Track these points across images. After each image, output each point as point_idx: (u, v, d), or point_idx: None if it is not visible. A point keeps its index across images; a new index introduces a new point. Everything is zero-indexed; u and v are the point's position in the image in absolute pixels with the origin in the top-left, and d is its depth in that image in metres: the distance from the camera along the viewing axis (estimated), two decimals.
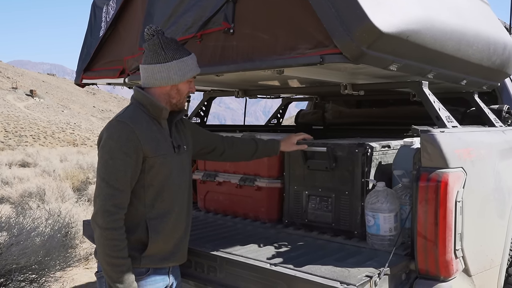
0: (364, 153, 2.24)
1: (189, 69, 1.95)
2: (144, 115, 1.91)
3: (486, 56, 2.45)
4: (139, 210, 1.88)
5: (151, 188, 1.89)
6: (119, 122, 1.85)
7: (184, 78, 1.94)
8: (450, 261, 1.88)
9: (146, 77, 1.95)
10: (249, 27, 2.04)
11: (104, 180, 1.80)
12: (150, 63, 1.92)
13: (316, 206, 2.41)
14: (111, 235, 1.76)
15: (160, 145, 1.90)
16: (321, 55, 1.76)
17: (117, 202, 1.78)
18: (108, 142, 1.83)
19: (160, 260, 1.92)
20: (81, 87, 3.23)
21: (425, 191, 1.88)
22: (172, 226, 1.94)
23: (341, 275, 1.77)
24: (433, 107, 2.22)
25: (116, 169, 1.79)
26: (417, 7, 1.95)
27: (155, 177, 1.89)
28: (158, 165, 1.88)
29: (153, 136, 1.89)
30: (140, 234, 1.87)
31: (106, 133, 1.85)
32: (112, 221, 1.77)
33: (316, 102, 4.37)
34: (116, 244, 1.77)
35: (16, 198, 7.74)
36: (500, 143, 2.41)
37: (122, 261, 1.78)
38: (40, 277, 3.89)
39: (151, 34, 1.93)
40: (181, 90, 1.98)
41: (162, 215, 1.91)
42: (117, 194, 1.79)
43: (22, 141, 38.28)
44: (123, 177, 1.80)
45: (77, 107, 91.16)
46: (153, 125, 1.91)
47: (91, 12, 3.07)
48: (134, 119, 1.86)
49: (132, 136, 1.82)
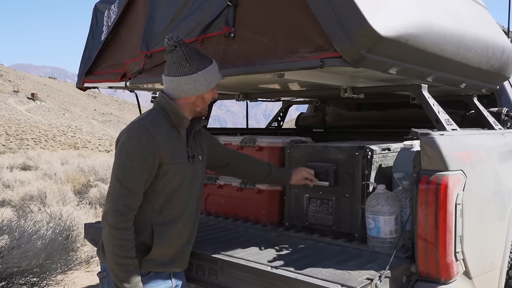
0: (364, 156, 2.25)
1: (214, 78, 1.97)
2: (164, 121, 1.93)
3: (485, 59, 2.47)
4: (147, 213, 1.89)
5: (161, 194, 1.90)
6: (141, 126, 1.87)
7: (210, 87, 1.97)
8: (450, 263, 1.88)
9: (172, 89, 1.95)
10: (249, 31, 2.05)
11: (119, 180, 1.81)
12: (176, 75, 1.93)
13: (316, 209, 2.41)
14: (120, 235, 1.78)
15: (177, 153, 1.92)
16: (321, 59, 1.78)
17: (129, 203, 1.80)
18: (127, 144, 1.84)
19: (161, 265, 1.93)
20: (83, 90, 3.24)
21: (425, 193, 1.89)
22: (177, 233, 1.95)
23: (342, 277, 1.77)
24: (432, 110, 2.23)
25: (132, 171, 1.81)
26: (416, 11, 1.97)
27: (168, 184, 1.91)
28: (172, 173, 1.90)
29: (171, 143, 1.90)
30: (145, 237, 1.88)
31: (126, 135, 1.87)
32: (122, 221, 1.78)
33: (316, 105, 4.38)
34: (125, 244, 1.78)
35: (18, 201, 7.75)
36: (499, 145, 2.42)
37: (130, 261, 1.79)
38: (41, 280, 3.89)
39: (173, 45, 1.92)
40: (206, 98, 2.00)
41: (169, 221, 1.92)
42: (130, 195, 1.80)
43: (23, 144, 38.31)
44: (138, 179, 1.82)
45: (78, 110, 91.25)
46: (172, 133, 1.93)
47: (92, 16, 3.09)
48: (155, 124, 1.88)
49: (152, 140, 1.83)
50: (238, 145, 2.72)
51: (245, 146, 2.70)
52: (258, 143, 2.64)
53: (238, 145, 2.72)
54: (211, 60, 1.99)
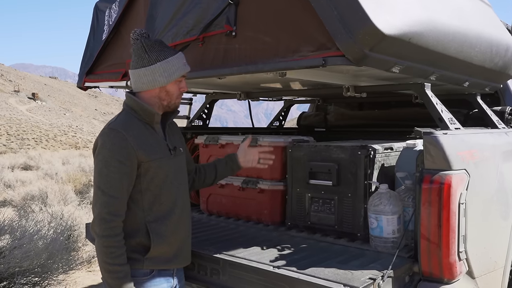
0: (367, 155, 2.23)
1: (175, 69, 1.93)
2: (136, 120, 1.91)
3: (488, 57, 2.45)
4: (137, 214, 1.88)
5: (148, 192, 1.89)
6: (111, 130, 1.85)
7: (171, 79, 1.93)
8: (453, 263, 1.87)
9: (134, 82, 1.95)
10: (251, 30, 2.04)
11: (99, 188, 1.81)
12: (136, 67, 1.92)
13: (319, 209, 2.40)
14: (108, 242, 1.77)
15: (155, 149, 1.90)
16: (324, 58, 1.77)
17: (113, 210, 1.79)
18: (101, 151, 1.84)
19: (164, 262, 1.92)
20: (84, 90, 3.23)
21: (428, 193, 1.88)
22: (174, 228, 1.94)
23: (345, 277, 1.76)
24: (435, 109, 2.21)
25: (110, 177, 1.80)
26: (419, 9, 1.95)
27: (152, 181, 1.89)
28: (154, 169, 1.88)
29: (146, 141, 1.88)
30: (141, 237, 1.87)
31: (99, 142, 1.86)
32: (108, 229, 1.78)
33: (318, 104, 4.37)
34: (113, 251, 1.77)
35: (19, 201, 7.75)
36: (503, 144, 2.40)
37: (119, 267, 1.78)
38: (43, 280, 3.89)
39: (136, 38, 1.92)
40: (170, 91, 1.95)
41: (162, 217, 1.91)
42: (113, 202, 1.79)
43: (24, 144, 38.35)
44: (118, 184, 1.81)
45: (79, 110, 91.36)
46: (145, 130, 1.91)
47: (93, 16, 3.08)
48: (125, 126, 1.86)
49: (125, 143, 1.81)
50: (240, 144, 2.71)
51: None
52: (260, 142, 2.63)
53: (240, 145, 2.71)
54: (175, 51, 1.95)
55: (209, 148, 2.90)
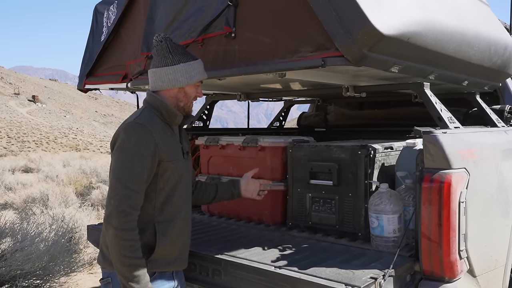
0: (367, 155, 2.24)
1: (196, 73, 1.98)
2: (158, 119, 1.94)
3: (487, 56, 2.46)
4: (148, 213, 1.89)
5: (162, 192, 1.91)
6: (137, 124, 1.86)
7: (191, 81, 1.97)
8: (454, 262, 1.88)
9: (154, 81, 1.98)
10: (250, 31, 2.05)
11: (120, 180, 1.80)
12: (158, 66, 1.96)
13: (319, 208, 2.41)
14: (127, 236, 1.77)
15: (173, 150, 1.95)
16: (323, 58, 1.77)
17: (133, 203, 1.80)
18: (126, 144, 1.84)
19: (165, 265, 1.93)
20: (84, 92, 3.24)
21: (429, 192, 1.89)
22: (179, 231, 1.96)
23: (346, 277, 1.77)
24: (435, 108, 2.22)
25: (133, 170, 1.81)
26: (418, 9, 1.96)
27: (167, 182, 1.92)
28: (171, 170, 1.91)
29: (168, 140, 1.93)
30: (148, 237, 1.88)
31: (123, 135, 1.85)
32: (127, 222, 1.78)
33: (318, 105, 4.38)
34: (132, 244, 1.78)
35: (20, 203, 7.76)
36: (502, 143, 2.41)
37: (138, 261, 1.78)
38: (44, 283, 3.89)
39: (160, 41, 1.97)
40: (188, 93, 2.00)
41: (170, 219, 1.93)
42: (133, 195, 1.80)
43: (25, 146, 38.37)
44: (140, 178, 1.82)
45: (79, 112, 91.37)
46: (167, 130, 1.95)
47: (93, 18, 3.09)
48: (151, 122, 1.89)
49: (151, 138, 1.84)
50: (240, 145, 2.72)
51: (247, 146, 2.69)
52: (260, 143, 2.63)
53: (240, 145, 2.72)
54: (196, 58, 2.01)
55: (209, 149, 2.91)
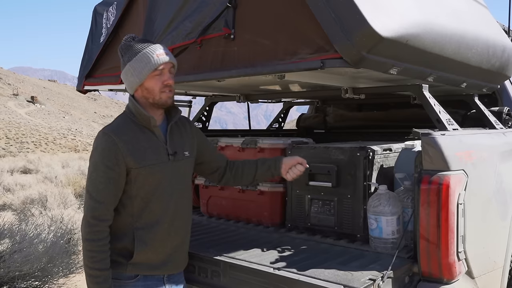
0: (365, 157, 2.24)
1: (144, 65, 1.86)
2: (132, 124, 1.89)
3: (485, 58, 2.47)
4: (126, 220, 1.87)
5: (138, 199, 1.87)
6: (103, 134, 1.85)
7: (142, 76, 1.87)
8: (453, 263, 1.88)
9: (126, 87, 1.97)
10: (249, 33, 2.05)
11: (88, 191, 1.83)
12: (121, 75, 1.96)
13: (318, 210, 2.41)
14: (89, 246, 1.79)
15: (147, 155, 1.85)
16: (322, 60, 1.78)
17: (97, 214, 1.80)
18: (93, 154, 1.85)
19: (149, 269, 1.89)
20: (83, 93, 3.24)
21: (427, 193, 1.89)
22: (162, 237, 1.90)
23: (345, 278, 1.77)
24: (433, 110, 2.23)
25: (97, 181, 1.81)
26: (416, 11, 1.97)
27: (141, 188, 1.86)
28: (142, 177, 1.85)
29: (139, 146, 1.85)
30: (127, 243, 1.86)
31: (93, 145, 1.87)
32: (91, 233, 1.79)
33: (317, 106, 4.38)
34: (93, 255, 1.78)
35: (18, 205, 7.75)
36: (501, 145, 2.42)
37: (98, 272, 1.78)
38: (43, 284, 3.89)
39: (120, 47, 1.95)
40: (149, 87, 1.88)
41: (150, 225, 1.88)
42: (98, 207, 1.80)
43: (24, 147, 38.31)
44: (104, 189, 1.80)
45: (78, 113, 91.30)
46: (141, 134, 1.88)
47: (92, 19, 3.09)
48: (118, 130, 1.85)
49: (114, 148, 1.80)
50: (240, 146, 2.72)
51: (246, 147, 2.70)
52: (260, 144, 2.64)
53: (240, 147, 2.72)
54: (147, 46, 1.88)
55: None
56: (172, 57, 1.93)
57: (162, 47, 1.92)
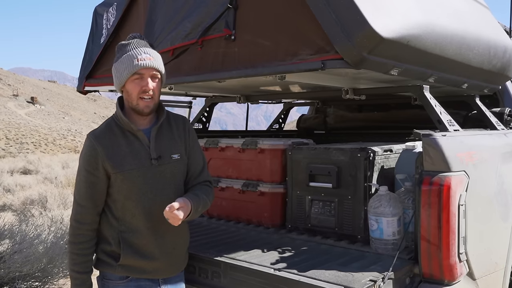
0: (366, 158, 2.24)
1: (124, 68, 1.84)
2: (116, 128, 1.89)
3: (486, 59, 2.46)
4: (112, 222, 1.89)
5: (118, 203, 1.88)
6: (87, 138, 1.88)
7: (122, 78, 1.85)
8: (454, 264, 1.88)
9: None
10: (250, 34, 2.05)
11: (74, 194, 1.90)
12: None
13: (319, 211, 2.41)
14: (70, 248, 1.85)
15: (126, 160, 1.83)
16: (322, 61, 1.78)
17: (79, 218, 1.84)
18: (79, 158, 1.89)
19: (139, 272, 1.88)
20: (84, 94, 3.24)
21: (428, 194, 1.89)
22: (147, 241, 1.87)
23: (345, 279, 1.77)
24: (434, 111, 2.22)
25: (80, 185, 1.86)
26: (417, 12, 1.96)
27: (120, 192, 1.86)
28: (119, 181, 1.84)
29: (119, 150, 1.84)
30: (113, 245, 1.87)
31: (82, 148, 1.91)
32: (73, 235, 1.85)
33: (317, 107, 4.38)
34: (73, 258, 1.84)
35: (18, 205, 7.75)
36: (502, 146, 2.41)
37: (76, 275, 1.83)
38: (43, 285, 3.89)
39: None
40: (129, 90, 1.85)
41: (134, 229, 1.86)
42: (79, 210, 1.85)
43: (23, 148, 38.30)
44: (85, 193, 1.84)
45: (78, 114, 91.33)
46: (122, 139, 1.86)
47: (92, 19, 3.09)
48: (100, 135, 1.87)
49: (94, 153, 1.83)
50: (240, 147, 2.72)
51: (246, 148, 2.69)
52: (260, 145, 2.64)
53: (240, 148, 2.72)
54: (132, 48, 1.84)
55: (209, 151, 2.91)
56: (157, 64, 1.86)
57: (150, 52, 1.86)
